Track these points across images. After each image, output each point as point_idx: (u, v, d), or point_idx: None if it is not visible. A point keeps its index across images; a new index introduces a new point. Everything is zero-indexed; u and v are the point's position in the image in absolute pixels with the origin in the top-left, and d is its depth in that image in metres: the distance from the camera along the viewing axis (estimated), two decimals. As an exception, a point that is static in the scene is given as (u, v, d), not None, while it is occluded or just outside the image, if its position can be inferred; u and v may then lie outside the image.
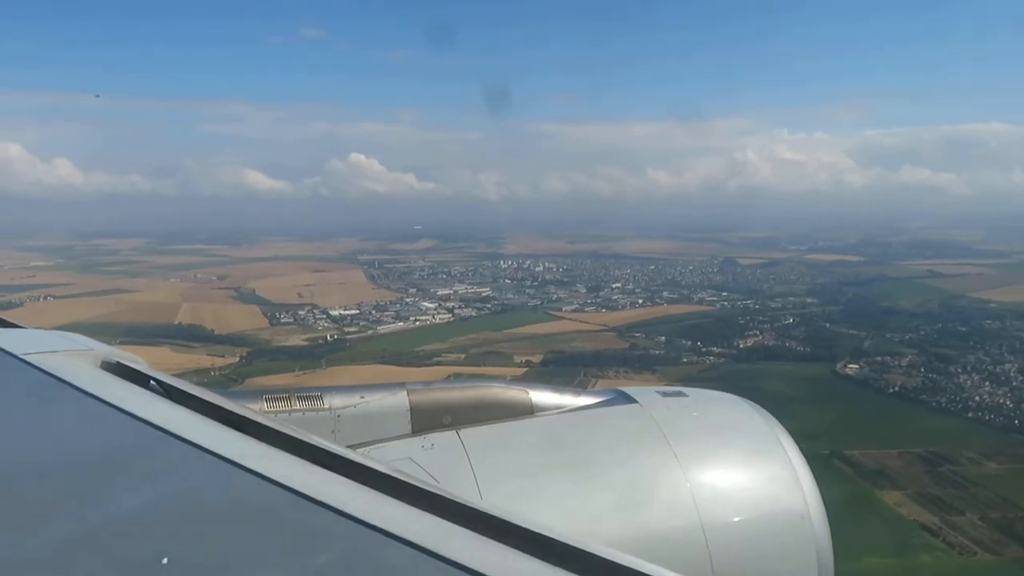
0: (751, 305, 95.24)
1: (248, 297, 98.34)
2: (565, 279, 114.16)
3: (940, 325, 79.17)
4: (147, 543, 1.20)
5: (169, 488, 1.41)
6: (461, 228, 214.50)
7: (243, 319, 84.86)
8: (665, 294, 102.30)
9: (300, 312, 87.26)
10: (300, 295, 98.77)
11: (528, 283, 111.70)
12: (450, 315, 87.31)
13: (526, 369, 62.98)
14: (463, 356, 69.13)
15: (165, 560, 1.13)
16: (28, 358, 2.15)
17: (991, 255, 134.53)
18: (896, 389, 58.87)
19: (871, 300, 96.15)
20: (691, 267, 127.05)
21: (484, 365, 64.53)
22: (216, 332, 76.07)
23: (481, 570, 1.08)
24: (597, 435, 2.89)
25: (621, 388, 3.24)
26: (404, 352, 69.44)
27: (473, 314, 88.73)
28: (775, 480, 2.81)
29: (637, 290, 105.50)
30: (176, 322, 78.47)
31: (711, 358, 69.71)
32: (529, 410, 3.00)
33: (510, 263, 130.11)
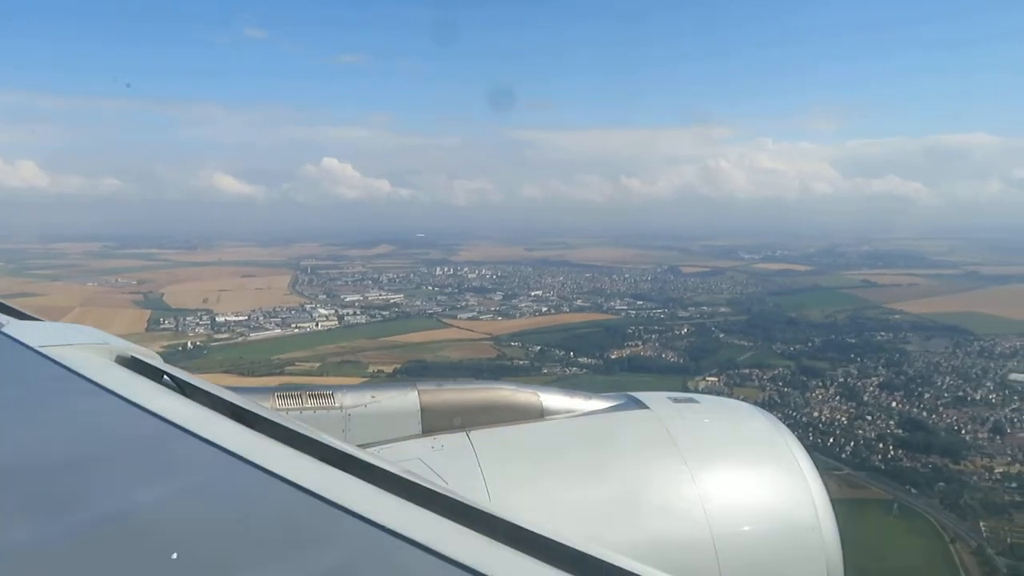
0: (658, 314, 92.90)
1: (151, 303, 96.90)
2: (489, 286, 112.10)
3: (833, 336, 76.73)
4: (157, 538, 1.20)
5: (180, 483, 1.41)
6: (431, 234, 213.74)
7: (124, 325, 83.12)
8: (577, 303, 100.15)
9: (188, 319, 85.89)
10: (205, 300, 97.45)
11: (449, 290, 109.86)
12: (338, 322, 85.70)
13: (366, 380, 61.12)
14: (318, 365, 67.38)
15: (175, 555, 1.12)
16: (44, 351, 2.16)
17: (943, 266, 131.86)
18: (735, 404, 56.32)
19: (784, 310, 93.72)
20: (627, 275, 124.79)
21: (330, 375, 62.85)
22: (81, 338, 74.77)
23: (488, 573, 1.07)
24: (607, 440, 2.89)
25: (633, 393, 3.21)
26: (258, 361, 67.74)
27: (363, 322, 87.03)
28: (785, 490, 2.79)
29: (552, 298, 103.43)
30: (50, 327, 77.19)
31: (574, 369, 67.47)
32: (539, 413, 2.98)
33: (446, 269, 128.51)
